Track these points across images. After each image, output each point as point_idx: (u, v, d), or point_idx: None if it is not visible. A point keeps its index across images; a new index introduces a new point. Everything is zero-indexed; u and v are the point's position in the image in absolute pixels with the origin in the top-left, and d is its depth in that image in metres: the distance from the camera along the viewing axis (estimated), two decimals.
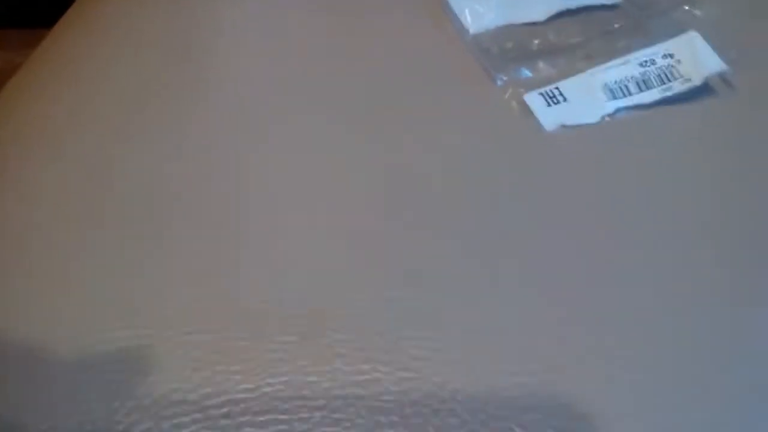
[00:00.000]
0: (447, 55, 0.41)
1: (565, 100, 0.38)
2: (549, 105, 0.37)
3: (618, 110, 0.37)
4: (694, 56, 0.39)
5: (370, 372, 0.27)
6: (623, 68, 0.39)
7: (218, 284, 0.29)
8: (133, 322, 0.28)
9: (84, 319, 0.28)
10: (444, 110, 0.37)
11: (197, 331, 0.27)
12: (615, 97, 0.38)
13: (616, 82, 0.38)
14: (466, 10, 0.42)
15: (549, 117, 0.37)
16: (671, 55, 0.39)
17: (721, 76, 0.38)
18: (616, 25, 0.41)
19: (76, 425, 0.25)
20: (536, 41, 0.40)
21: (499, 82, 0.39)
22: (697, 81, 0.38)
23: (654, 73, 0.38)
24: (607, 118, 0.37)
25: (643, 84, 0.38)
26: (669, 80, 0.38)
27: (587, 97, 0.38)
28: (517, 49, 0.40)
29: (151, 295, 0.29)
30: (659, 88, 0.38)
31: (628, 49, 0.39)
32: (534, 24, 0.42)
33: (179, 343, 0.27)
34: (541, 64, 0.39)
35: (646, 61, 0.39)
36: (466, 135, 0.36)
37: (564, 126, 0.36)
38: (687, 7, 0.41)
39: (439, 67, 0.40)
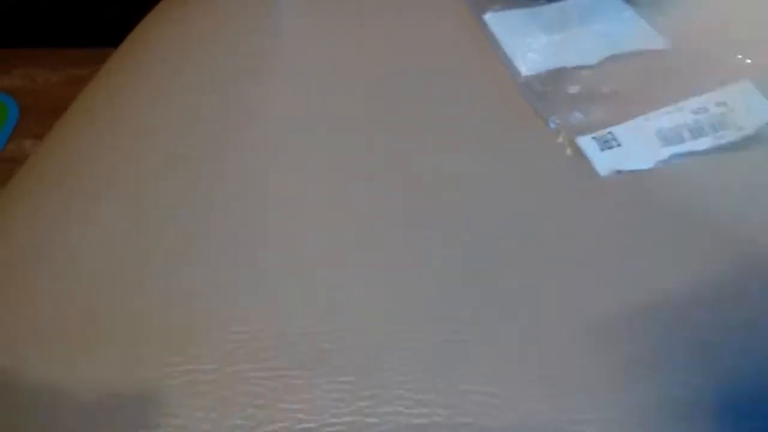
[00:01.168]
0: (499, 97, 0.41)
1: (619, 145, 0.38)
2: (602, 149, 0.37)
3: (672, 156, 0.37)
4: (746, 105, 0.39)
5: (429, 416, 0.27)
6: (677, 115, 0.39)
7: (277, 321, 0.29)
8: (193, 356, 0.28)
9: (143, 352, 0.29)
10: (496, 152, 0.38)
11: (259, 368, 0.28)
12: (669, 144, 0.38)
13: (670, 128, 0.38)
14: (519, 53, 0.42)
15: (603, 161, 0.37)
16: (724, 104, 0.39)
17: None
18: (668, 71, 0.41)
19: None
20: (588, 85, 0.41)
21: (552, 125, 0.39)
22: (750, 130, 0.38)
23: (707, 121, 0.38)
24: (660, 164, 0.37)
25: (697, 131, 0.38)
26: (722, 129, 0.38)
27: (641, 142, 0.38)
28: (569, 92, 0.40)
29: (211, 329, 0.29)
30: (712, 136, 0.38)
31: (680, 96, 0.40)
32: (586, 67, 0.42)
33: (241, 379, 0.27)
34: (593, 108, 0.40)
35: (699, 109, 0.39)
36: (519, 177, 0.36)
37: (618, 171, 0.37)
38: (740, 56, 0.42)
39: (491, 109, 0.40)
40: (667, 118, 0.39)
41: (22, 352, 0.29)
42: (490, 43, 0.44)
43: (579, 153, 0.37)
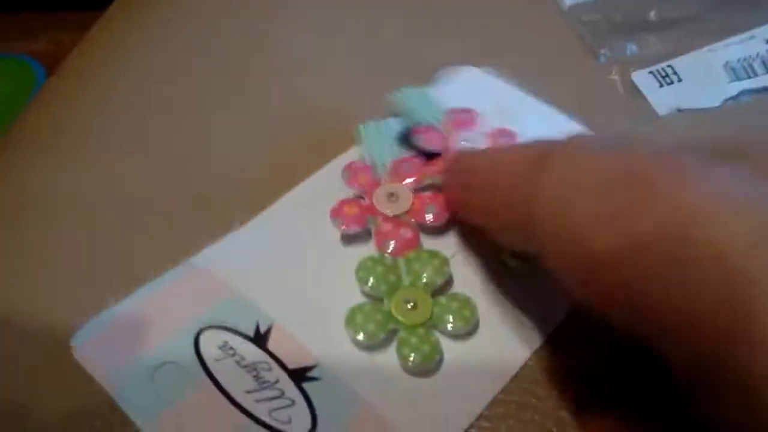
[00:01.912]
0: (541, 27, 0.36)
1: (680, 80, 0.33)
2: (661, 86, 0.33)
3: (742, 93, 0.32)
4: None
5: None
6: (747, 45, 0.34)
7: None
8: None
9: None
10: (538, 89, 0.33)
11: None
12: (738, 78, 0.33)
13: (739, 60, 0.33)
14: None
15: (662, 99, 0.32)
16: None
17: None
18: None
19: None
20: (645, 13, 0.36)
21: (602, 59, 0.34)
22: None
23: None
24: (729, 102, 0.32)
25: None
26: None
27: (706, 77, 0.33)
28: (622, 21, 0.35)
29: None
30: None
31: (751, 23, 0.34)
32: None
33: None
34: (651, 39, 0.35)
35: None
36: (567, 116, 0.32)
37: (679, 110, 0.32)
38: None
39: (532, 41, 0.36)
40: (736, 48, 0.34)
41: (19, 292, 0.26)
42: None
43: (634, 90, 0.33)
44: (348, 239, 0.26)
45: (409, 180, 0.27)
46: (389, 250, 0.25)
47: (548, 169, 0.19)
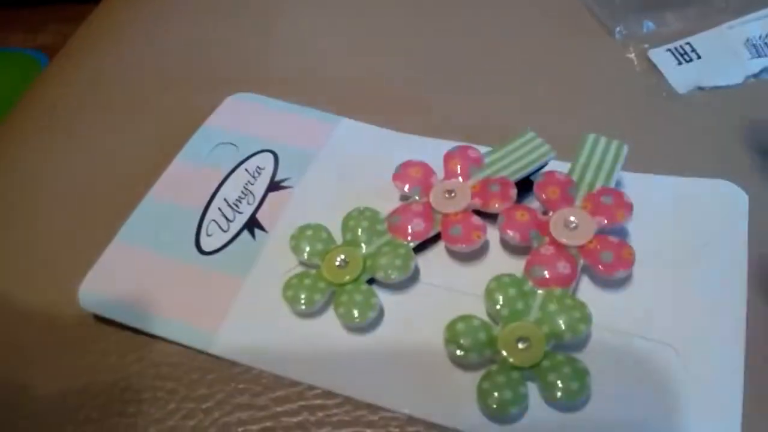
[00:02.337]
0: (554, 6, 0.35)
1: (699, 57, 0.31)
2: (680, 63, 0.31)
3: (763, 70, 0.31)
4: None
5: None
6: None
7: None
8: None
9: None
10: (553, 68, 0.32)
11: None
12: (759, 55, 0.31)
13: (760, 36, 0.32)
14: None
15: (681, 77, 0.31)
16: None
17: None
18: None
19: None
20: None
21: (618, 36, 0.33)
22: None
23: None
24: (750, 79, 0.31)
25: None
26: None
27: (726, 54, 0.31)
28: None
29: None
30: None
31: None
32: None
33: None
34: (668, 16, 0.33)
35: None
36: (583, 96, 0.30)
37: (699, 88, 0.30)
38: None
39: (546, 18, 0.34)
40: (757, 24, 0.32)
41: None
42: None
43: (652, 68, 0.31)
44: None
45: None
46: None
47: None
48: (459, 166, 0.25)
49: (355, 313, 0.22)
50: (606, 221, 0.23)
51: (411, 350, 0.22)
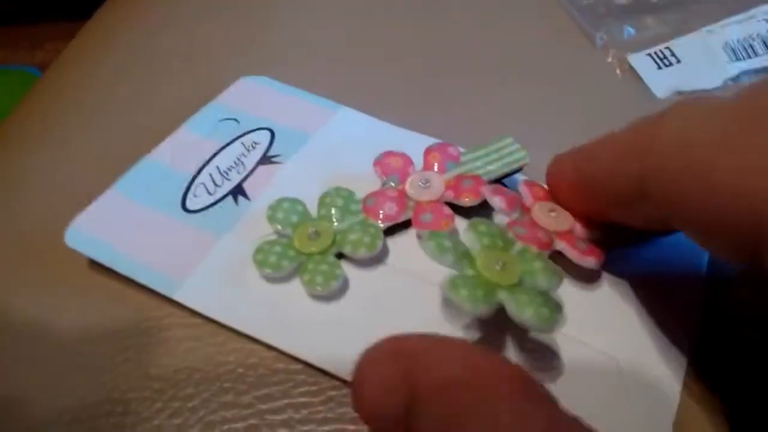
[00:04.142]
0: (535, 12, 0.36)
1: (678, 61, 0.32)
2: (660, 68, 0.32)
3: (742, 73, 0.32)
4: None
5: None
6: (746, 25, 0.33)
7: None
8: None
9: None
10: (533, 74, 0.32)
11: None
12: (738, 59, 0.32)
13: (738, 40, 0.32)
14: None
15: (660, 82, 0.31)
16: None
17: None
18: None
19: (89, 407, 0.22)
20: None
21: (599, 42, 0.33)
22: None
23: None
24: (729, 83, 0.31)
25: None
26: None
27: (705, 58, 0.32)
28: (619, 4, 0.35)
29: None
30: None
31: (751, 2, 0.34)
32: None
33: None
34: (648, 21, 0.34)
35: None
36: (563, 102, 0.31)
37: (679, 92, 0.31)
38: None
39: (528, 27, 0.35)
40: (735, 28, 0.33)
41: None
42: None
43: (632, 73, 0.32)
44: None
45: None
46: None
47: (668, 113, 0.19)
48: (437, 161, 0.26)
49: (319, 280, 0.23)
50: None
51: (372, 325, 0.22)
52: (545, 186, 0.25)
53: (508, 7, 0.36)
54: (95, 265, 0.25)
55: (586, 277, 0.23)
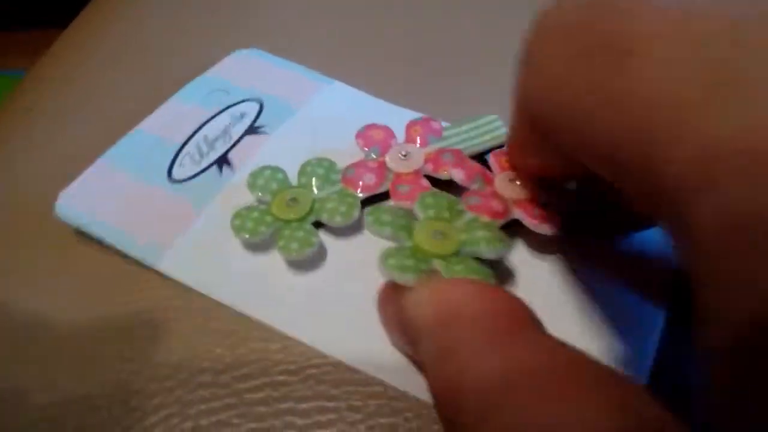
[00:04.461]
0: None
1: None
2: None
3: None
4: None
5: None
6: None
7: None
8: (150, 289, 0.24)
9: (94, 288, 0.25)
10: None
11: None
12: None
13: None
14: None
15: None
16: None
17: None
18: None
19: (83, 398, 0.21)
20: None
21: None
22: None
23: None
24: None
25: None
26: None
27: None
28: None
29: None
30: None
31: None
32: None
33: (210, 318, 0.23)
34: None
35: None
36: None
37: None
38: None
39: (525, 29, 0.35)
40: None
41: None
42: None
43: None
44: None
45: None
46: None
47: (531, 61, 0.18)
48: (419, 134, 0.26)
49: (294, 246, 0.23)
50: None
51: (348, 295, 0.23)
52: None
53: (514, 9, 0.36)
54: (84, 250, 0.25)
55: (555, 268, 0.23)
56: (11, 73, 1.17)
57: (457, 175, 0.24)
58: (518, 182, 0.24)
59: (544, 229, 0.22)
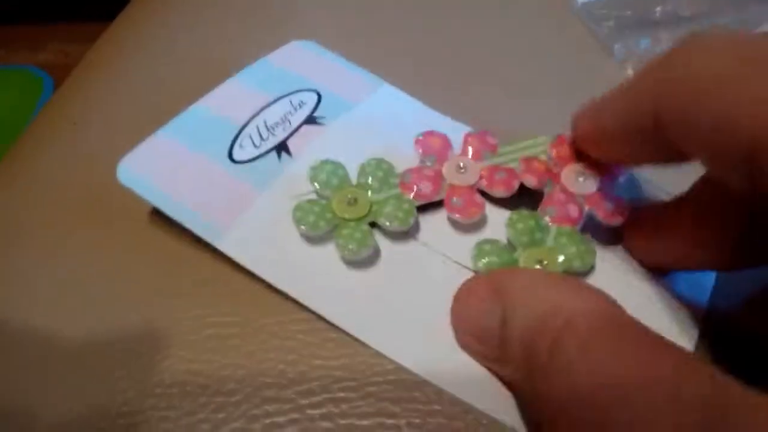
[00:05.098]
0: (553, 26, 0.37)
1: None
2: None
3: None
4: None
5: None
6: None
7: None
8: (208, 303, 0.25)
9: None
10: (555, 88, 0.33)
11: (290, 320, 0.24)
12: None
13: None
14: None
15: None
16: None
17: None
18: None
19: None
20: (657, 9, 0.36)
21: (617, 55, 0.34)
22: None
23: None
24: None
25: None
26: None
27: None
28: (634, 17, 0.36)
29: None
30: None
31: (762, 20, 0.35)
32: None
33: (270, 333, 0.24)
34: (662, 35, 0.35)
35: None
36: None
37: None
38: None
39: (547, 40, 0.36)
40: None
41: None
42: None
43: None
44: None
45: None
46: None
47: (678, 52, 0.20)
48: (474, 148, 0.28)
49: (352, 245, 0.24)
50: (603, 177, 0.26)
51: (396, 297, 0.24)
52: (569, 142, 0.27)
53: (525, 22, 0.37)
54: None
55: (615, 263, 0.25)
56: (14, 67, 1.17)
57: (530, 181, 0.26)
58: (582, 179, 0.26)
59: (617, 220, 0.25)
